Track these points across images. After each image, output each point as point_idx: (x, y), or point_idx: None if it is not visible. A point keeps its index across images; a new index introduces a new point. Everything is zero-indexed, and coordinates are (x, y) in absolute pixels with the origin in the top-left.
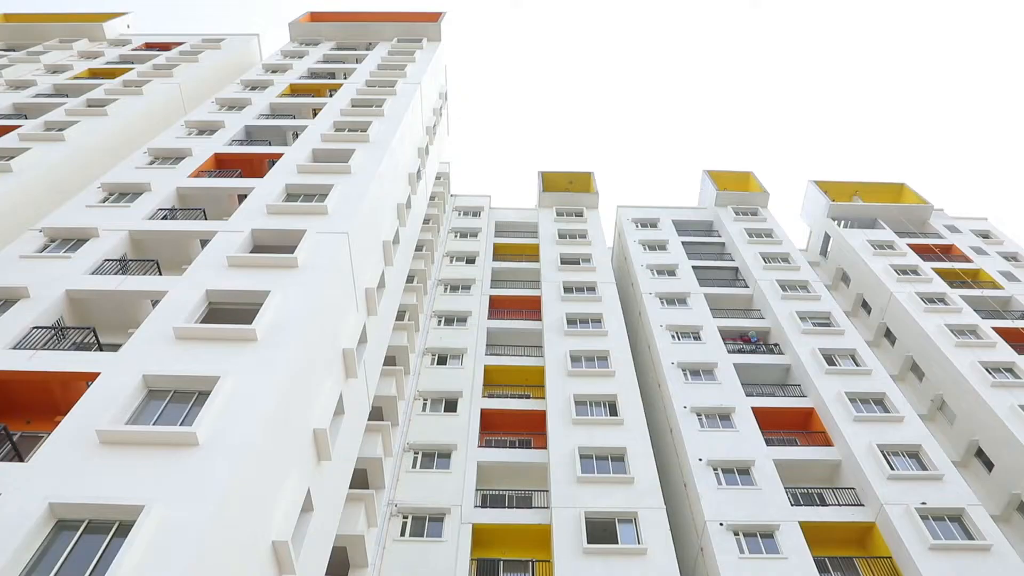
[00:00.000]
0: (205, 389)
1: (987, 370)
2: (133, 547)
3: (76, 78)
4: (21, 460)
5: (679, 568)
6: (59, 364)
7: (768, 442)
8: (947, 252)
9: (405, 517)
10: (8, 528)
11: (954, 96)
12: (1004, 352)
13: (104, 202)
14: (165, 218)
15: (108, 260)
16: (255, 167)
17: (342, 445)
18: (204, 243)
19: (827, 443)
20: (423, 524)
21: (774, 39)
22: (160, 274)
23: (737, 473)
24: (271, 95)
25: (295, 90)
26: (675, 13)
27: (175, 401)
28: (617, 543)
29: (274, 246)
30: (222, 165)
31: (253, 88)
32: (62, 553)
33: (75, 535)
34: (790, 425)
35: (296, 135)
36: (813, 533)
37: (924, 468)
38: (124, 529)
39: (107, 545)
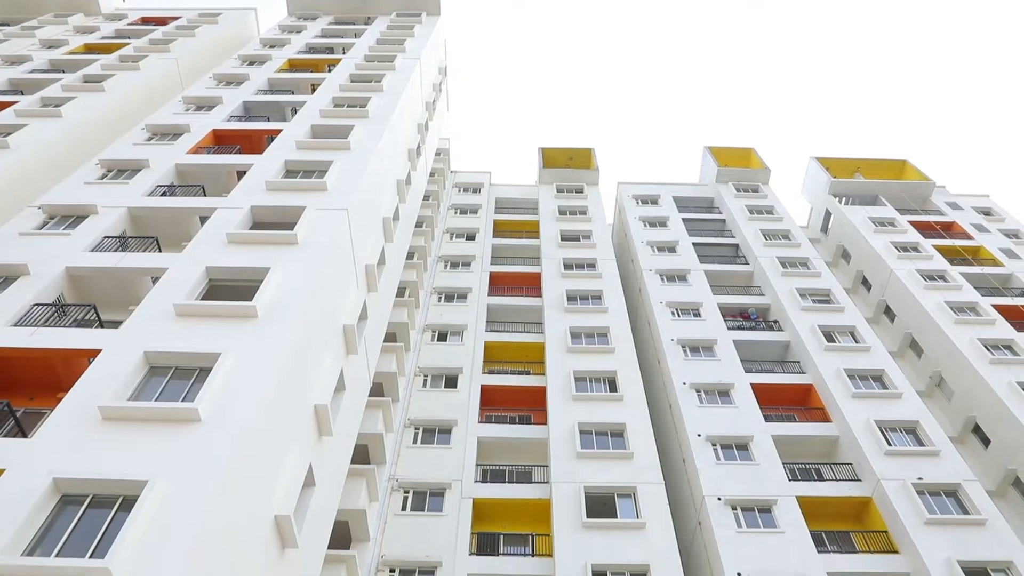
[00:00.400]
0: (206, 366)
1: (986, 347)
2: (137, 521)
3: (72, 53)
4: (25, 436)
5: (677, 542)
6: (60, 341)
7: (767, 418)
8: (948, 229)
9: (406, 492)
10: (14, 503)
11: (957, 74)
12: (1003, 329)
13: (102, 179)
14: (164, 195)
15: (108, 237)
16: (254, 143)
17: (343, 421)
18: (204, 220)
19: (825, 419)
20: (424, 499)
21: (775, 20)
22: (160, 251)
23: (736, 449)
24: (269, 70)
25: (293, 65)
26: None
27: (176, 378)
28: (616, 517)
29: (274, 223)
30: (221, 141)
31: (251, 63)
32: (67, 527)
33: (80, 509)
34: (789, 401)
35: (295, 111)
36: (810, 508)
37: (921, 444)
38: (128, 504)
39: (111, 519)
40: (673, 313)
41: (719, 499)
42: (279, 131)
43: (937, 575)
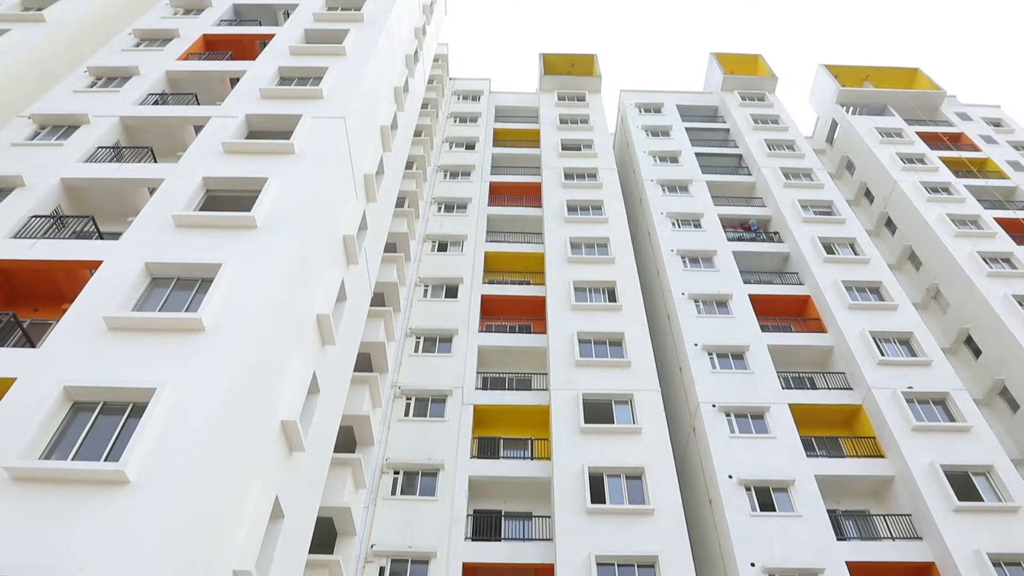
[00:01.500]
0: (208, 276)
1: (984, 260)
2: (148, 427)
3: None
4: (33, 346)
5: (672, 446)
6: (61, 253)
7: (763, 328)
8: (956, 141)
9: (408, 398)
10: (28, 410)
11: None
12: (1003, 242)
13: (92, 87)
14: (156, 103)
15: (101, 147)
16: (246, 49)
17: (345, 330)
18: (198, 129)
19: (821, 330)
20: (426, 405)
21: None
22: (155, 161)
23: (731, 357)
24: None
25: None
26: None
27: (178, 288)
28: (613, 423)
29: (270, 131)
30: (211, 47)
31: None
32: (81, 433)
33: (91, 416)
34: (786, 312)
35: (287, 14)
36: (802, 415)
37: (914, 354)
38: (138, 410)
39: (123, 425)
40: (674, 224)
41: (713, 406)
42: (271, 36)
43: (920, 478)
